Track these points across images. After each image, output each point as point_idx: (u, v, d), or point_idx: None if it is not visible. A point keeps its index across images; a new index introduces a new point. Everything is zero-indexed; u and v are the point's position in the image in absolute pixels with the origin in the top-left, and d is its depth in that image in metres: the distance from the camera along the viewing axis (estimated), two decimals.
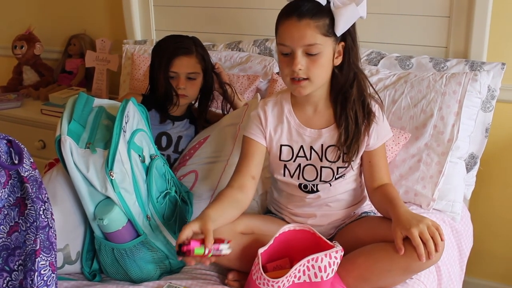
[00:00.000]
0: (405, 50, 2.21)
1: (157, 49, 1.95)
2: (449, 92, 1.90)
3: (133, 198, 1.48)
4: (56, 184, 1.53)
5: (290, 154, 1.62)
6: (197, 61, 1.92)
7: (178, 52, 1.88)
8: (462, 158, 2.00)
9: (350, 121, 1.55)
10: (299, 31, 1.44)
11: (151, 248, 1.52)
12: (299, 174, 1.62)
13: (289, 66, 1.48)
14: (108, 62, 2.87)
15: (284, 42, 1.48)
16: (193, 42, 1.96)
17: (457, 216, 1.91)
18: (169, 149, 1.95)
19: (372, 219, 1.62)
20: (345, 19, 1.45)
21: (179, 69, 1.89)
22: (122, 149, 1.47)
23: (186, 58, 1.90)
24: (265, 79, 2.32)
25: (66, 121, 1.50)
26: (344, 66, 1.53)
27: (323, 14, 1.44)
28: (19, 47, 3.06)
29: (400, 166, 1.92)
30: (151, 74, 1.98)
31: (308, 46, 1.45)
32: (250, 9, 2.48)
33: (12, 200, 1.28)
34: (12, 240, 1.28)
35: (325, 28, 1.45)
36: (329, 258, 1.33)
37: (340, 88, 1.55)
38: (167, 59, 1.88)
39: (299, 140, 1.61)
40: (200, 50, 1.95)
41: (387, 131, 1.63)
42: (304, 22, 1.43)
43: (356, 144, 1.56)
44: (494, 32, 2.06)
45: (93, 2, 2.99)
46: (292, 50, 1.47)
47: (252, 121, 1.65)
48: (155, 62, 1.93)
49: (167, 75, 1.89)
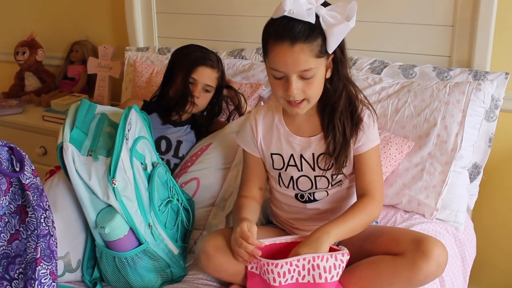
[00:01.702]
0: (408, 59, 2.21)
1: (181, 52, 1.98)
2: (452, 101, 1.89)
3: (135, 206, 1.47)
4: (57, 191, 1.52)
5: (281, 163, 1.60)
6: (217, 76, 1.96)
7: (204, 62, 1.93)
8: (466, 167, 1.99)
9: (337, 132, 1.51)
10: (293, 57, 1.36)
11: (153, 256, 1.51)
12: (294, 185, 1.60)
13: (283, 89, 1.43)
14: (110, 69, 2.87)
15: (277, 68, 1.40)
16: (216, 57, 1.99)
17: (460, 226, 1.90)
18: (168, 154, 1.94)
19: (374, 229, 1.61)
20: (337, 37, 1.38)
21: (200, 77, 1.92)
22: (124, 157, 1.46)
23: (209, 70, 1.93)
24: (268, 87, 2.31)
25: (69, 128, 1.49)
26: (334, 78, 1.49)
27: (316, 34, 1.37)
28: (21, 53, 3.06)
29: (403, 175, 1.91)
30: (167, 75, 1.99)
31: (303, 72, 1.39)
32: (253, 17, 2.47)
33: (13, 208, 1.28)
34: (13, 248, 1.27)
35: (318, 49, 1.38)
36: (335, 260, 1.33)
37: (328, 99, 1.51)
38: (191, 64, 1.91)
39: (289, 149, 1.58)
40: (221, 67, 2.00)
41: (373, 137, 1.55)
42: (298, 47, 1.35)
43: (344, 154, 1.52)
44: (498, 41, 2.06)
45: (96, 9, 3.00)
46: (286, 75, 1.41)
47: (245, 131, 1.64)
48: (177, 63, 1.95)
49: (187, 78, 1.91)
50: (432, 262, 1.33)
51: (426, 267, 1.34)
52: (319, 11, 1.36)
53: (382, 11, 2.21)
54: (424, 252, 1.34)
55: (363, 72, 2.17)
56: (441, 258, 1.35)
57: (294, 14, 1.35)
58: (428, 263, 1.33)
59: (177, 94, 1.92)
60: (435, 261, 1.34)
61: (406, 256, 1.37)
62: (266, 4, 2.40)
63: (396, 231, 1.55)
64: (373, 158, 1.56)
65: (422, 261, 1.34)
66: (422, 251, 1.34)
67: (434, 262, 1.34)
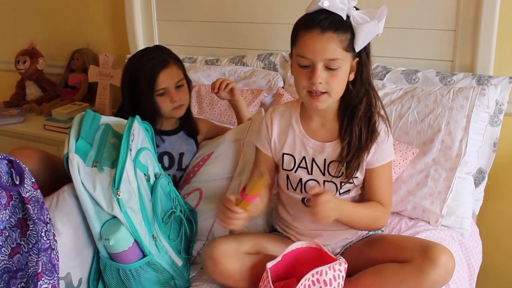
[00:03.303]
0: (411, 64, 2.20)
1: (131, 75, 1.84)
2: (456, 106, 1.88)
3: (139, 218, 1.46)
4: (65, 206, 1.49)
5: (291, 163, 1.60)
6: (176, 67, 1.86)
7: (158, 68, 1.80)
8: (470, 173, 1.97)
9: (354, 136, 1.52)
10: (321, 44, 1.40)
11: (157, 268, 1.50)
12: (301, 188, 1.60)
13: (307, 78, 1.44)
14: (111, 77, 2.87)
15: (305, 54, 1.43)
16: (161, 51, 1.88)
17: (465, 232, 1.88)
18: (172, 168, 1.92)
19: (380, 238, 1.60)
20: (365, 35, 1.42)
21: (167, 83, 1.82)
22: (129, 168, 1.45)
23: (168, 70, 1.82)
24: (270, 93, 2.31)
25: (74, 138, 1.48)
26: (357, 82, 1.51)
27: (345, 28, 1.41)
28: (22, 62, 3.06)
29: (407, 181, 1.90)
30: (129, 98, 1.84)
31: (330, 60, 1.41)
32: (254, 24, 2.47)
33: (14, 221, 1.26)
34: (14, 262, 1.26)
35: (346, 43, 1.42)
36: (333, 271, 1.33)
37: (349, 103, 1.53)
38: (149, 80, 1.79)
39: (302, 151, 1.59)
40: (172, 55, 1.88)
41: (388, 153, 1.57)
42: (328, 35, 1.40)
43: (356, 160, 1.52)
44: (501, 45, 2.05)
45: (96, 17, 3.00)
46: (312, 63, 1.43)
47: (260, 129, 1.67)
48: (139, 86, 1.81)
49: (154, 97, 1.81)
50: (439, 269, 1.34)
51: (434, 274, 1.34)
52: (351, 11, 1.42)
53: None
54: (431, 259, 1.34)
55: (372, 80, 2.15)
56: (448, 265, 1.35)
57: (327, 7, 1.40)
58: (435, 270, 1.33)
59: (154, 108, 1.82)
60: (442, 268, 1.34)
61: (413, 264, 1.37)
62: (267, 11, 2.42)
63: (402, 238, 1.55)
64: (386, 173, 1.57)
65: (430, 268, 1.34)
66: (429, 258, 1.34)
67: (441, 269, 1.34)
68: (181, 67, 1.89)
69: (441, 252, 1.35)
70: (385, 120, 1.57)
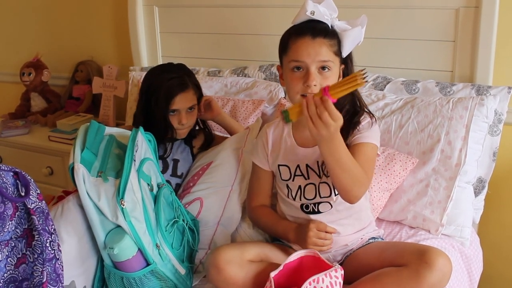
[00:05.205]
0: (411, 75, 2.22)
1: (150, 87, 1.88)
2: (456, 117, 1.90)
3: (143, 227, 1.48)
4: (70, 216, 1.52)
5: (288, 174, 1.65)
6: (193, 92, 1.90)
7: (176, 90, 1.85)
8: (470, 182, 1.99)
9: None
10: (314, 48, 1.49)
11: (160, 277, 1.51)
12: (301, 195, 1.63)
13: (301, 82, 1.51)
14: (115, 88, 2.89)
15: (299, 58, 1.51)
16: (183, 72, 1.91)
17: (466, 241, 1.89)
18: (166, 173, 1.93)
19: (379, 245, 1.61)
20: (351, 41, 1.53)
21: (180, 105, 1.86)
22: (133, 178, 1.48)
23: (185, 94, 1.87)
24: (271, 104, 2.32)
25: (79, 149, 1.51)
26: None
27: (333, 35, 1.52)
28: (27, 74, 3.08)
29: (408, 191, 1.91)
30: (145, 110, 1.89)
31: (323, 62, 1.49)
32: (256, 35, 2.49)
33: (20, 232, 1.29)
34: (20, 272, 1.28)
35: (336, 47, 1.52)
36: (330, 278, 1.34)
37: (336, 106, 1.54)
38: (165, 99, 1.83)
39: (295, 160, 1.63)
40: (192, 79, 1.93)
41: (368, 135, 1.58)
42: (319, 40, 1.50)
43: None
44: (500, 55, 2.06)
45: (100, 29, 3.02)
46: (306, 67, 1.50)
47: (257, 145, 1.74)
48: (152, 100, 1.85)
49: (167, 114, 1.86)
50: (436, 272, 1.34)
51: (431, 278, 1.34)
52: (334, 22, 1.54)
53: (384, 27, 2.22)
54: (427, 262, 1.35)
55: (366, 88, 2.18)
56: (445, 268, 1.36)
57: (314, 16, 1.51)
58: (432, 273, 1.34)
59: (163, 127, 1.86)
60: (439, 271, 1.35)
61: (410, 267, 1.38)
62: (268, 23, 2.45)
63: (400, 244, 1.58)
64: (367, 152, 1.58)
65: (426, 271, 1.35)
66: (425, 261, 1.35)
67: (438, 272, 1.35)
68: (197, 93, 1.93)
69: (437, 255, 1.36)
70: (371, 116, 1.62)
